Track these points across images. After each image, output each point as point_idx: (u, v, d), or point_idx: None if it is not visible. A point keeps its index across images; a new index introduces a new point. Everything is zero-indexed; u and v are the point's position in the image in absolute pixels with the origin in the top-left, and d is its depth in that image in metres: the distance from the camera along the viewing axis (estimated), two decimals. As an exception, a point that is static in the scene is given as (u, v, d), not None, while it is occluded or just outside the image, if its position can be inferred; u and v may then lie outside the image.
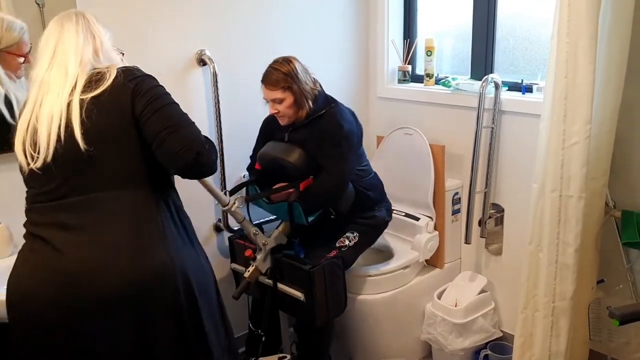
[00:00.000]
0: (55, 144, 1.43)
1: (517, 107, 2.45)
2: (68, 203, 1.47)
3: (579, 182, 1.97)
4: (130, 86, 1.48)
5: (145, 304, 1.47)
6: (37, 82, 1.49)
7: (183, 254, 1.55)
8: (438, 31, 2.86)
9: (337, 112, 2.23)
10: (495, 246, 2.67)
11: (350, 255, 2.32)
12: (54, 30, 1.53)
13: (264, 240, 2.18)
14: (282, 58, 2.20)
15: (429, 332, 2.60)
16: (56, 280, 1.44)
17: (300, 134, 2.24)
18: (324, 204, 2.24)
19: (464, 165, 2.64)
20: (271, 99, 2.19)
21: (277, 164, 2.23)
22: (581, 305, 2.14)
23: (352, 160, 2.25)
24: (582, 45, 1.88)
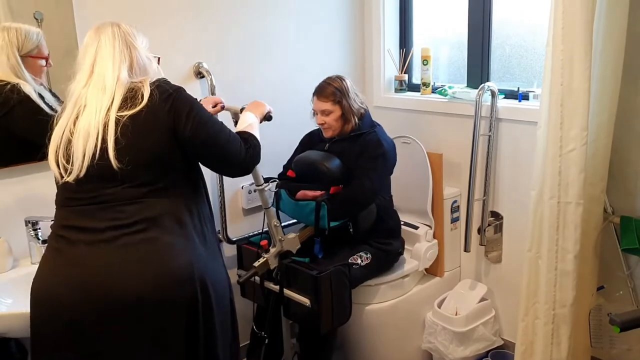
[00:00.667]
0: (90, 160, 1.47)
1: (514, 115, 2.46)
2: (97, 209, 1.50)
3: (577, 188, 1.97)
4: (166, 107, 1.53)
5: (163, 312, 1.48)
6: (74, 98, 1.53)
7: (204, 264, 1.56)
8: (434, 40, 2.88)
9: (379, 134, 2.37)
10: (495, 254, 2.67)
11: (358, 275, 2.33)
12: (91, 45, 1.56)
13: (281, 235, 2.22)
14: (336, 75, 2.38)
15: (430, 341, 2.59)
16: (77, 281, 1.46)
17: (341, 146, 2.37)
18: (348, 211, 2.32)
19: (462, 173, 2.65)
20: (321, 109, 2.34)
21: (313, 168, 2.33)
22: (582, 312, 2.14)
23: (382, 177, 2.38)
24: (577, 52, 1.89)
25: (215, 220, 2.47)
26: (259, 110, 1.95)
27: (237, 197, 2.59)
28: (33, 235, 1.95)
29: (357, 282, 2.34)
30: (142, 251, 1.48)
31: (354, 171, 2.31)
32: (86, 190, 1.51)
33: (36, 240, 1.95)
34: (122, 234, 1.48)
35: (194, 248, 1.55)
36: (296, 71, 2.68)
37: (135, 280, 1.45)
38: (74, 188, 1.51)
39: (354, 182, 2.30)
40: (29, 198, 1.99)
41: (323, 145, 2.42)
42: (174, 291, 1.48)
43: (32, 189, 1.99)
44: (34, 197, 1.99)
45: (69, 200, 1.54)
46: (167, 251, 1.50)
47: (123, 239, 1.47)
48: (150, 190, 1.52)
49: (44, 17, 1.96)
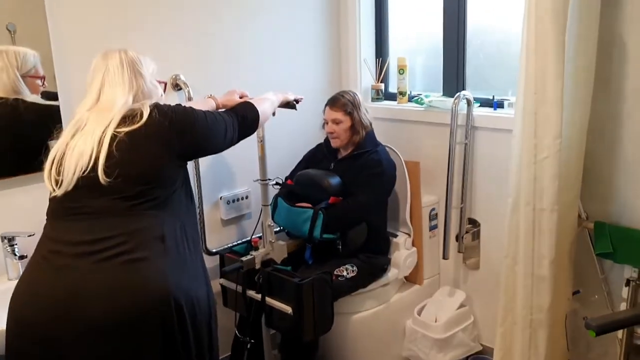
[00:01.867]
0: (80, 175, 1.49)
1: (490, 123, 2.49)
2: (79, 220, 1.51)
3: (551, 195, 2.00)
4: (165, 123, 1.56)
5: (136, 333, 1.45)
6: (76, 118, 1.57)
7: (182, 284, 1.53)
8: (409, 49, 2.91)
9: (381, 154, 2.47)
10: (473, 260, 2.70)
11: (344, 287, 2.35)
12: (99, 70, 1.60)
13: (272, 237, 2.26)
14: (349, 90, 2.56)
15: (410, 348, 2.60)
16: (49, 300, 1.44)
17: (344, 165, 2.47)
18: (341, 224, 2.38)
19: (440, 181, 2.67)
20: (332, 118, 2.46)
21: (315, 183, 2.42)
22: (558, 316, 2.17)
23: (378, 196, 2.46)
24: (550, 61, 1.92)
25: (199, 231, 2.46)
26: (282, 94, 2.15)
27: (216, 208, 2.57)
28: (9, 251, 1.91)
29: (341, 294, 2.35)
30: (118, 269, 1.45)
31: (350, 187, 2.39)
32: (72, 201, 1.51)
33: (13, 256, 1.91)
34: (101, 249, 1.46)
35: (172, 266, 1.52)
36: (272, 82, 2.68)
37: (108, 300, 1.42)
38: (62, 199, 1.52)
39: (349, 198, 2.37)
40: (6, 213, 1.96)
41: (328, 164, 2.52)
42: (147, 312, 1.45)
43: (9, 204, 1.96)
44: (11, 213, 1.96)
45: (56, 212, 1.55)
46: (142, 269, 1.47)
47: (100, 254, 1.45)
48: (135, 204, 1.52)
49: (17, 29, 1.94)
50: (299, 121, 2.72)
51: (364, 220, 2.43)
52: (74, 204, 1.51)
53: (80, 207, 1.51)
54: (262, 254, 2.24)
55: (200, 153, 1.82)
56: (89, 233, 1.48)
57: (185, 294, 1.53)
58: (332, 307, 2.26)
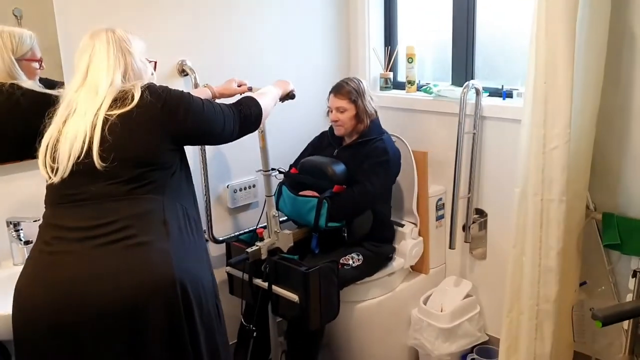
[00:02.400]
0: (75, 160, 1.48)
1: (498, 113, 2.48)
2: (80, 206, 1.50)
3: (559, 185, 1.99)
4: (158, 105, 1.54)
5: (142, 318, 1.45)
6: (65, 101, 1.55)
7: (187, 267, 1.53)
8: (418, 38, 2.88)
9: (386, 141, 2.44)
10: (480, 250, 2.69)
11: (349, 275, 2.35)
12: (85, 50, 1.58)
13: (277, 227, 2.25)
14: (354, 77, 2.51)
15: (416, 337, 2.60)
16: (58, 284, 1.44)
17: (349, 152, 2.45)
18: (346, 212, 2.37)
19: (447, 171, 2.66)
20: (336, 106, 2.43)
21: (319, 170, 2.39)
22: (565, 307, 2.16)
23: (384, 183, 2.43)
24: (560, 50, 1.90)
25: (201, 220, 2.47)
26: (282, 86, 2.10)
27: (222, 196, 2.58)
28: (15, 236, 1.93)
29: (346, 283, 2.35)
30: (121, 253, 1.45)
31: (356, 175, 2.37)
32: (70, 187, 1.51)
33: (18, 241, 1.93)
34: (103, 233, 1.46)
35: (176, 249, 1.52)
36: (280, 69, 2.67)
37: (113, 285, 1.43)
38: (59, 185, 1.51)
39: (355, 185, 2.35)
40: (11, 199, 1.96)
41: (332, 151, 2.50)
42: (153, 295, 1.45)
43: (14, 190, 1.97)
44: (16, 198, 1.96)
45: (54, 198, 1.54)
46: (147, 253, 1.47)
47: (103, 239, 1.46)
48: (134, 187, 1.51)
49: (23, 14, 1.93)
50: (304, 109, 2.72)
51: (370, 209, 2.42)
52: (72, 190, 1.51)
53: (78, 193, 1.51)
54: (267, 244, 2.24)
55: (193, 139, 1.76)
56: (90, 219, 1.48)
57: (190, 276, 1.52)
58: (338, 295, 2.26)
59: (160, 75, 2.28)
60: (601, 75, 2.04)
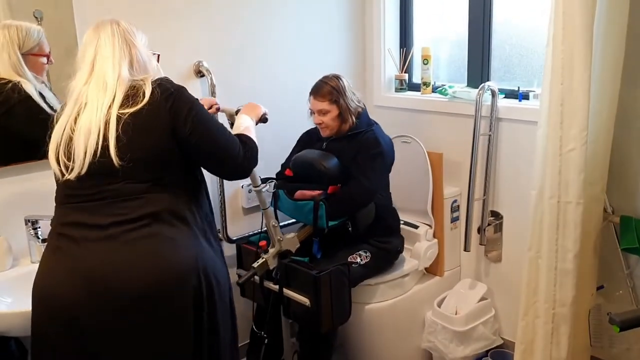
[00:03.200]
0: (91, 157, 1.47)
1: (514, 115, 2.46)
2: (98, 205, 1.50)
3: (576, 188, 1.97)
4: (167, 105, 1.53)
5: (166, 305, 1.48)
6: (75, 95, 1.53)
7: (208, 258, 1.58)
8: (434, 39, 2.88)
9: (377, 132, 2.36)
10: (495, 253, 2.67)
11: (358, 274, 2.34)
12: (90, 43, 1.56)
13: (279, 235, 2.22)
14: (332, 74, 2.36)
15: (430, 340, 2.59)
16: (79, 278, 1.45)
17: (338, 145, 2.36)
18: (346, 210, 2.31)
19: (462, 172, 2.65)
20: (317, 109, 2.33)
21: (311, 167, 2.32)
22: (581, 311, 2.14)
23: (381, 176, 2.37)
24: (577, 52, 1.89)
25: (216, 219, 2.47)
26: (254, 112, 1.94)
27: (237, 196, 2.59)
28: (33, 234, 1.95)
29: (356, 281, 2.34)
30: (145, 246, 1.48)
31: (351, 170, 2.30)
32: (87, 187, 1.51)
33: (36, 239, 1.95)
34: (124, 230, 1.47)
35: (196, 242, 1.56)
36: (296, 70, 2.68)
37: (139, 276, 1.45)
38: (75, 185, 1.51)
39: (351, 181, 2.29)
40: (29, 197, 1.99)
41: (321, 144, 2.42)
42: (178, 285, 1.49)
43: (32, 188, 1.99)
44: (34, 196, 1.98)
45: (69, 197, 1.54)
46: (170, 246, 1.50)
47: (125, 235, 1.47)
48: (151, 186, 1.52)
49: (44, 16, 1.96)
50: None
51: (371, 202, 2.36)
52: (88, 190, 1.51)
53: (95, 193, 1.51)
54: (272, 254, 2.20)
55: (201, 145, 1.58)
56: (107, 216, 1.49)
57: (211, 268, 1.57)
58: (350, 298, 2.25)
59: (177, 76, 2.30)
60: (619, 76, 2.02)
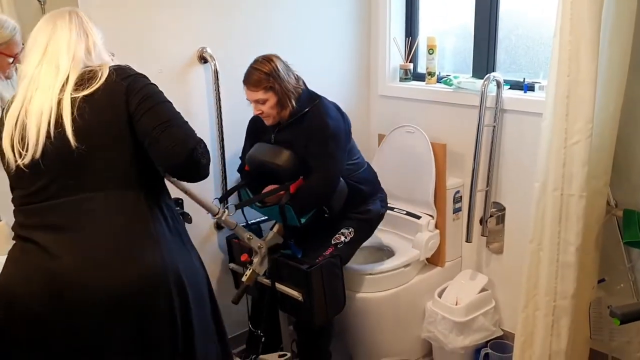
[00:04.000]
0: (45, 140, 1.40)
1: (519, 106, 2.45)
2: (57, 204, 1.43)
3: (580, 181, 1.97)
4: (124, 84, 1.46)
5: (138, 306, 1.44)
6: (27, 78, 1.46)
7: (176, 257, 1.51)
8: (440, 29, 2.86)
9: (322, 110, 2.18)
10: (497, 245, 2.67)
11: (346, 251, 2.31)
12: (45, 28, 1.50)
13: (259, 243, 2.18)
14: (263, 57, 2.16)
15: (430, 330, 2.60)
16: (47, 281, 1.40)
17: (287, 134, 2.21)
18: (315, 204, 2.22)
19: (466, 163, 2.64)
20: (254, 99, 2.16)
21: (265, 167, 2.21)
22: (582, 304, 2.14)
23: (341, 158, 2.22)
24: (585, 43, 1.87)
25: (217, 189, 2.43)
26: None
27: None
28: None
29: (347, 259, 2.32)
30: (111, 246, 1.42)
31: (307, 161, 2.18)
32: (42, 180, 1.43)
33: None
34: (87, 230, 1.42)
35: (165, 241, 1.49)
36: (300, 58, 2.65)
37: (105, 277, 1.40)
38: (30, 179, 1.43)
39: (312, 174, 2.17)
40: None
41: (269, 136, 2.27)
42: (146, 287, 1.43)
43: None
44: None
45: (27, 198, 1.46)
46: (138, 245, 1.45)
47: (89, 234, 1.42)
48: (111, 178, 1.45)
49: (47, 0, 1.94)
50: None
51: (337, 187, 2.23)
52: (46, 187, 1.43)
53: (54, 189, 1.43)
54: (257, 262, 2.18)
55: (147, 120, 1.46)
56: (71, 215, 1.43)
57: (182, 268, 1.50)
58: (344, 288, 2.25)
59: (178, 62, 2.31)
60: (626, 69, 2.00)
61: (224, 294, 2.39)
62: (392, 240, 2.69)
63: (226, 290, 2.46)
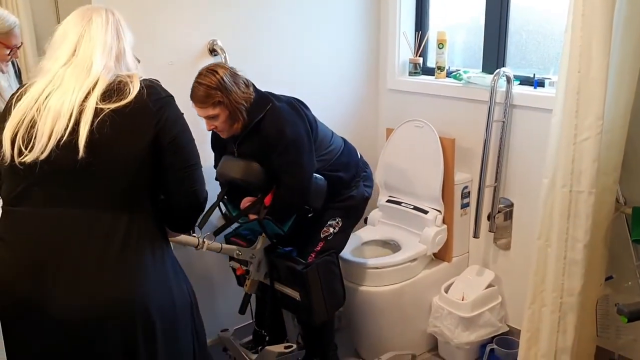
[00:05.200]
0: (56, 143, 1.31)
1: (529, 102, 2.44)
2: (42, 215, 1.36)
3: (589, 177, 1.96)
4: (153, 109, 1.37)
5: (88, 330, 1.35)
6: (49, 75, 1.38)
7: (152, 289, 1.40)
8: (450, 24, 2.85)
9: (275, 116, 2.07)
10: (504, 241, 2.67)
11: (339, 241, 2.29)
12: (78, 22, 1.41)
13: (250, 254, 2.17)
14: (206, 69, 2.03)
15: (435, 325, 2.60)
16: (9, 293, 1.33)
17: (247, 147, 2.12)
18: (293, 212, 2.19)
19: (474, 159, 2.63)
20: (205, 116, 2.04)
21: (234, 184, 2.16)
22: (589, 301, 2.13)
23: (307, 162, 2.12)
24: (597, 39, 1.86)
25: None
26: None
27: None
28: None
29: (341, 248, 2.32)
30: (84, 268, 1.34)
31: (274, 170, 2.11)
32: (33, 185, 1.35)
33: None
34: (63, 250, 1.34)
35: (142, 272, 1.39)
36: (310, 51, 2.67)
37: (71, 299, 1.32)
38: (20, 178, 1.35)
39: (281, 186, 2.11)
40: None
41: (232, 149, 2.17)
42: (110, 313, 1.35)
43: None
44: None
45: (13, 200, 1.38)
46: (110, 270, 1.35)
47: (63, 254, 1.34)
48: (103, 198, 1.36)
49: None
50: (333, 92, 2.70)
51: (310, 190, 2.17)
52: (33, 189, 1.35)
53: (42, 199, 1.35)
54: (254, 270, 2.17)
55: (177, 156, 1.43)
56: (51, 231, 1.35)
57: (156, 299, 1.41)
58: (342, 283, 2.26)
59: (189, 54, 2.31)
60: (638, 65, 1.98)
61: (225, 291, 2.41)
62: (399, 235, 2.69)
63: (228, 287, 2.49)
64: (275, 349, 2.17)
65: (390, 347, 2.55)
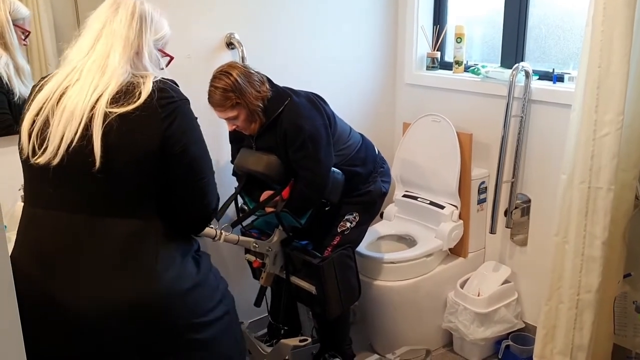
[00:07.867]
0: (66, 148, 1.29)
1: (548, 97, 2.41)
2: (55, 217, 1.35)
3: (608, 173, 1.94)
4: (162, 114, 1.32)
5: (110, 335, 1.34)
6: (70, 65, 1.36)
7: (166, 291, 1.37)
8: (468, 18, 2.83)
9: (293, 111, 2.08)
10: (521, 237, 2.65)
11: (355, 235, 2.30)
12: (103, 12, 1.39)
13: (267, 247, 2.17)
14: (220, 72, 2.03)
15: (450, 320, 2.59)
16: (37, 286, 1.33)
17: (266, 140, 2.14)
18: (310, 205, 2.19)
19: (491, 154, 2.62)
20: (225, 118, 2.08)
21: (252, 177, 2.18)
22: (606, 298, 2.12)
23: (325, 156, 2.13)
24: (618, 33, 1.84)
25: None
26: None
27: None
28: None
29: (358, 242, 2.33)
30: (93, 273, 1.33)
31: (292, 164, 2.12)
32: (48, 185, 1.33)
33: None
34: (73, 254, 1.33)
35: (157, 276, 1.37)
36: (327, 45, 2.66)
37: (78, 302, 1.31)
38: (37, 176, 1.35)
39: (299, 179, 2.12)
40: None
41: (251, 143, 2.19)
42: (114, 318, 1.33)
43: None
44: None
45: (31, 198, 1.39)
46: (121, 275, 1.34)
47: (73, 258, 1.33)
48: (116, 204, 1.34)
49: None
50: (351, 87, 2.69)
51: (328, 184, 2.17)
52: (57, 193, 1.34)
53: (55, 201, 1.34)
54: (270, 264, 2.18)
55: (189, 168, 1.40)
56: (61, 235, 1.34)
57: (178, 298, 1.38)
58: (358, 278, 2.25)
59: (206, 47, 2.32)
60: (660, 61, 1.96)
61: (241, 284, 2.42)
62: (415, 230, 2.69)
63: (243, 280, 2.50)
64: (290, 342, 2.18)
65: (405, 342, 2.55)
